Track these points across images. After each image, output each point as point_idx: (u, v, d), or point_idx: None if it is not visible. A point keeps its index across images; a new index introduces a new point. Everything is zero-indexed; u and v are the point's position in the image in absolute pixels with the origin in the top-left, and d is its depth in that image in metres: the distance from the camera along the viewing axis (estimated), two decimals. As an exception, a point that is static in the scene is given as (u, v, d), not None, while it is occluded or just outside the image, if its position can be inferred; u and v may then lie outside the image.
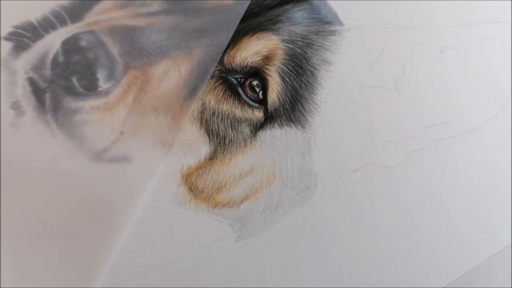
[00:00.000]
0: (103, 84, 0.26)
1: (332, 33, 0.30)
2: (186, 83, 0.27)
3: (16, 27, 0.27)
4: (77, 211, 0.25)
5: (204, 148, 0.27)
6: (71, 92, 0.26)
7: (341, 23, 0.30)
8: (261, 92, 0.28)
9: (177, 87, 0.27)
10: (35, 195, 0.25)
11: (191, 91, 0.27)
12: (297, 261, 0.27)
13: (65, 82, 0.26)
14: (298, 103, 0.29)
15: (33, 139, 0.25)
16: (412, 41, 0.31)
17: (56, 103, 0.26)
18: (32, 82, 0.26)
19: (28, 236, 0.25)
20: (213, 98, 0.28)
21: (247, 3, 0.29)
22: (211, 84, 0.28)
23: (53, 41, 0.26)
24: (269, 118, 0.28)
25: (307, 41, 0.29)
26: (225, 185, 0.27)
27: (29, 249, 0.25)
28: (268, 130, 0.28)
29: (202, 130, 0.27)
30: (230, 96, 0.28)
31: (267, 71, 0.29)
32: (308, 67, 0.29)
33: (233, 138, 0.27)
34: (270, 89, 0.28)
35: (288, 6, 0.30)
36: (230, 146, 0.27)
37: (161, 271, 0.26)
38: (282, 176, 0.27)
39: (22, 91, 0.26)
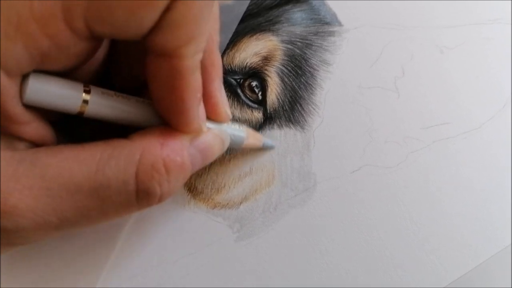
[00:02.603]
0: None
1: (331, 33, 0.30)
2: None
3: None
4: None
5: (203, 149, 0.27)
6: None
7: (340, 24, 0.30)
8: (260, 93, 0.28)
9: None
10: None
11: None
12: (296, 261, 0.27)
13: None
14: (297, 104, 0.28)
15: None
16: (412, 42, 0.31)
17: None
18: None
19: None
20: (212, 99, 0.28)
21: (247, 3, 0.29)
22: (210, 85, 0.28)
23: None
24: (268, 119, 0.28)
25: (306, 41, 0.29)
26: (224, 186, 0.27)
27: (29, 249, 0.25)
28: (268, 131, 0.28)
29: (201, 131, 0.27)
30: (229, 97, 0.28)
31: (266, 72, 0.29)
32: (307, 67, 0.29)
33: (232, 139, 0.27)
34: (269, 90, 0.28)
35: (288, 7, 0.30)
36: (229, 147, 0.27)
37: (161, 271, 0.26)
38: (281, 177, 0.27)
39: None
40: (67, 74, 0.20)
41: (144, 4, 0.15)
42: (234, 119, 0.28)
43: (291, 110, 0.28)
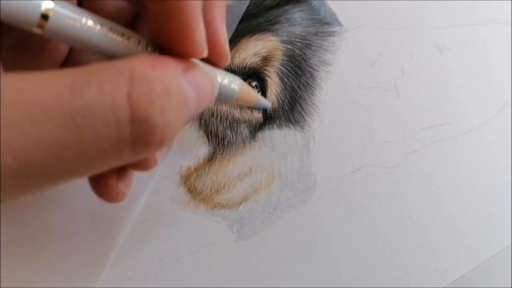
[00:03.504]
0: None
1: (331, 34, 0.30)
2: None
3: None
4: (77, 211, 0.25)
5: (203, 149, 0.27)
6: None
7: (340, 24, 0.30)
8: (260, 93, 0.28)
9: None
10: (35, 195, 0.25)
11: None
12: (296, 261, 0.27)
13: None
14: (297, 104, 0.28)
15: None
16: (411, 42, 0.31)
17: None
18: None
19: (28, 236, 0.25)
20: (212, 99, 0.28)
21: (247, 3, 0.29)
22: (210, 85, 0.28)
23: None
24: (268, 119, 0.28)
25: (306, 42, 0.29)
26: (224, 186, 0.27)
27: (29, 249, 0.25)
28: (267, 131, 0.28)
29: (201, 131, 0.27)
30: (229, 97, 0.28)
31: (266, 72, 0.29)
32: (307, 68, 0.29)
33: (232, 139, 0.27)
34: (269, 90, 0.28)
35: (287, 7, 0.30)
36: (229, 147, 0.27)
37: (161, 271, 0.26)
38: (281, 177, 0.27)
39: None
40: None
41: None
42: (234, 120, 0.28)
43: (291, 110, 0.28)
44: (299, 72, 0.29)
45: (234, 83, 0.20)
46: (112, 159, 0.14)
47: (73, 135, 0.13)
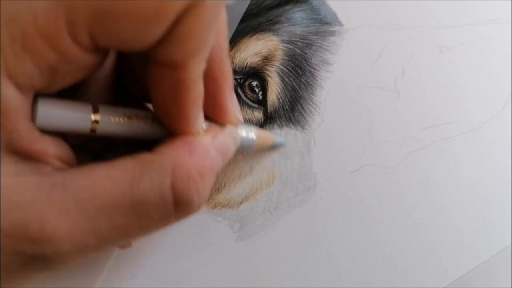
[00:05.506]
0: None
1: (332, 33, 0.30)
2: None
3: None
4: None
5: (203, 148, 0.27)
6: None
7: (340, 24, 0.30)
8: (260, 93, 0.28)
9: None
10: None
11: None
12: (296, 261, 0.27)
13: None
14: (298, 104, 0.29)
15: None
16: (412, 42, 0.31)
17: None
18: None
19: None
20: (212, 98, 0.28)
21: (247, 3, 0.29)
22: (211, 84, 0.28)
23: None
24: (269, 119, 0.28)
25: (307, 41, 0.29)
26: (224, 186, 0.27)
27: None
28: (268, 131, 0.28)
29: (201, 131, 0.27)
30: (230, 97, 0.28)
31: (266, 72, 0.29)
32: (307, 67, 0.29)
33: (232, 139, 0.27)
34: (269, 89, 0.28)
35: (288, 7, 0.30)
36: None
37: (161, 271, 0.26)
38: (281, 176, 0.27)
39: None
40: (77, 86, 0.19)
41: (152, 18, 0.15)
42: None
43: (292, 110, 0.28)
44: (299, 72, 0.29)
45: (251, 131, 0.24)
46: (161, 227, 0.19)
47: (134, 219, 0.17)
